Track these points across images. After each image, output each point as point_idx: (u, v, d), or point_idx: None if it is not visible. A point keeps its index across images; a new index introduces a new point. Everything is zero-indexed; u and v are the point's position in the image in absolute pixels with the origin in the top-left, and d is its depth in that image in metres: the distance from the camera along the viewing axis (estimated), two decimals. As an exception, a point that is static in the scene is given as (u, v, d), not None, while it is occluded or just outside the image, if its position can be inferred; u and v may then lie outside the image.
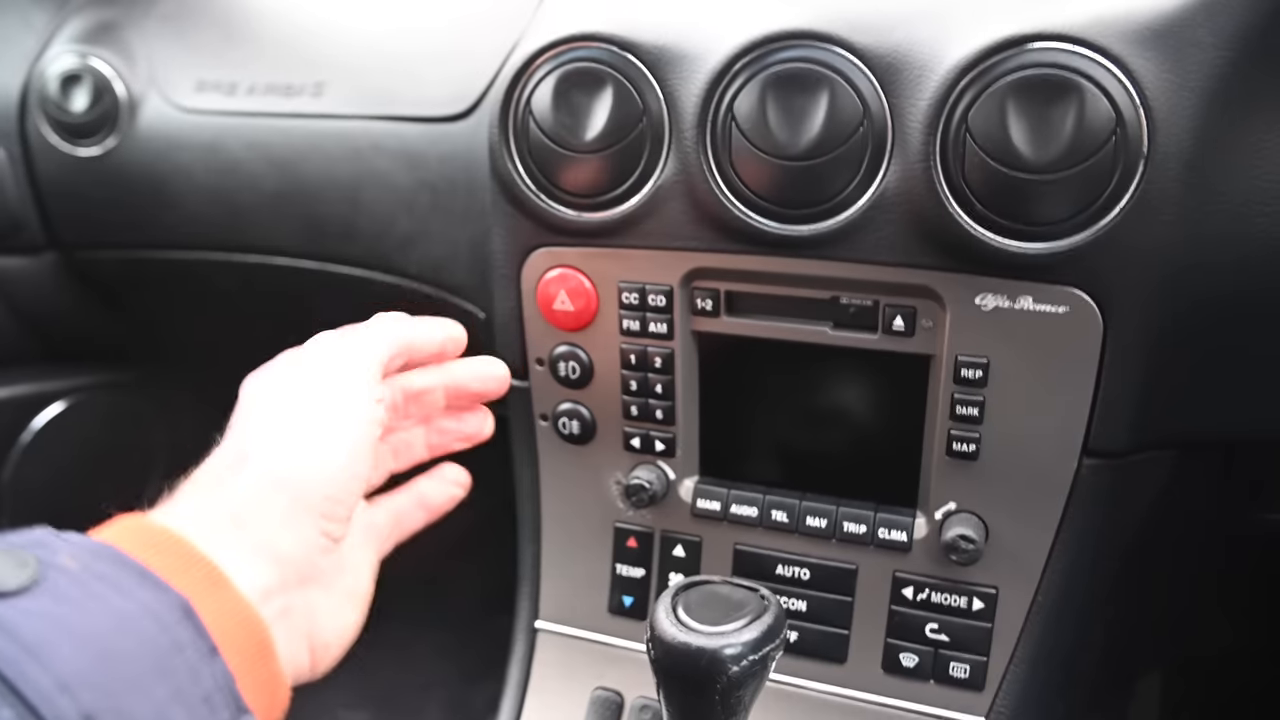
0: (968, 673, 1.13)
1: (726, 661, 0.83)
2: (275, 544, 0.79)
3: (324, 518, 0.82)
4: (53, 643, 0.57)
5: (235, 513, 0.78)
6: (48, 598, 0.59)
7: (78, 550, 0.64)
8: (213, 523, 0.76)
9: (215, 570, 0.71)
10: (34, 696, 0.54)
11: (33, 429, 1.82)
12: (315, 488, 0.81)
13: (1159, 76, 0.91)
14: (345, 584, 0.91)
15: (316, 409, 0.85)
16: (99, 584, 0.62)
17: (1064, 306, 0.98)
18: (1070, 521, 1.07)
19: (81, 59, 1.62)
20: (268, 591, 0.76)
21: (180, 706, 0.61)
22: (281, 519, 0.80)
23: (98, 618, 0.60)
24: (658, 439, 1.19)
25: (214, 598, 0.69)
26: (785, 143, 0.99)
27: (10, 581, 0.59)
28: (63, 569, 0.62)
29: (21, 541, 0.64)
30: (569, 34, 1.07)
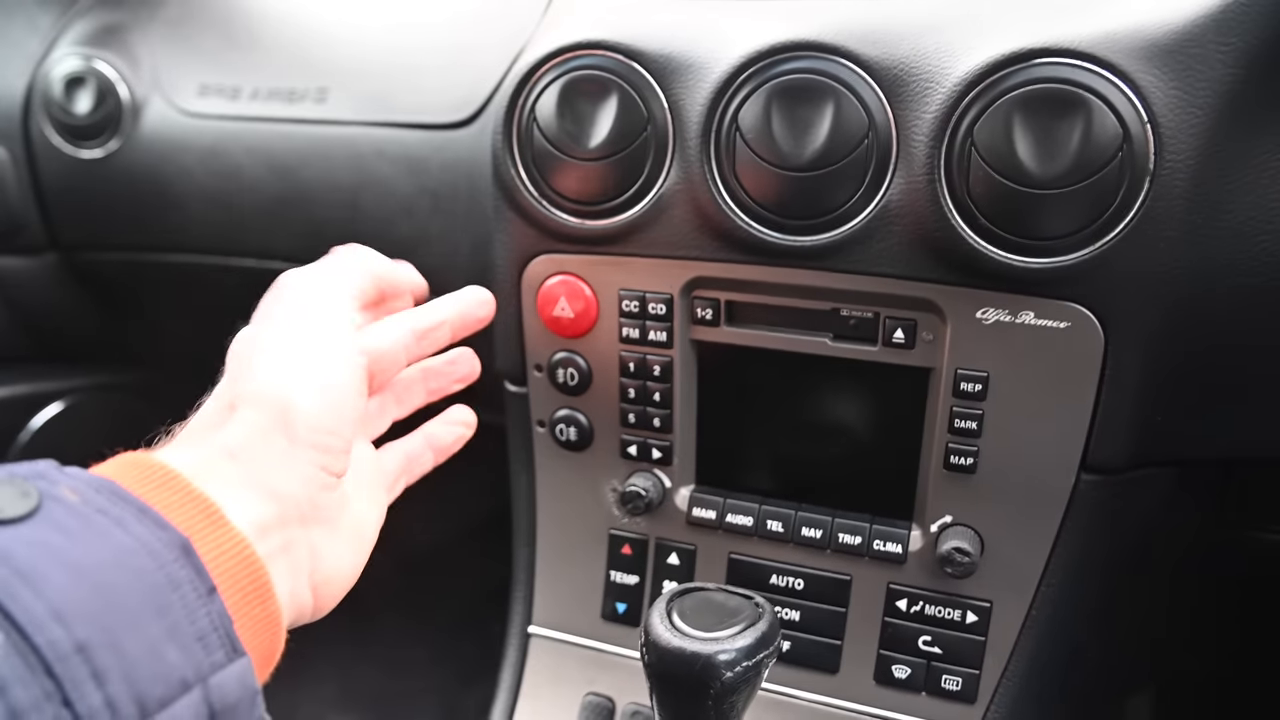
0: (960, 685, 1.13)
1: (720, 667, 0.83)
2: (272, 480, 0.78)
3: (320, 450, 0.81)
4: (49, 571, 0.56)
5: (231, 451, 0.77)
6: (46, 527, 0.59)
7: (78, 483, 0.63)
8: (209, 461, 0.76)
9: (213, 507, 0.70)
10: (26, 623, 0.53)
11: (30, 429, 1.82)
12: (306, 420, 0.80)
13: (1167, 93, 0.91)
14: (348, 523, 0.89)
15: (300, 344, 0.84)
16: (98, 517, 0.62)
17: (1066, 322, 0.98)
18: (1066, 536, 1.07)
19: (86, 61, 1.63)
20: (265, 527, 0.76)
21: (174, 644, 0.60)
22: (277, 455, 0.79)
23: (95, 550, 0.60)
24: (655, 447, 1.19)
25: (212, 535, 0.69)
26: (789, 153, 0.99)
27: (10, 510, 0.58)
28: (62, 500, 0.61)
29: (24, 472, 0.63)
30: (574, 42, 1.07)
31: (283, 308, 0.88)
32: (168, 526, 0.64)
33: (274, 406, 0.80)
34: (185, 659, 0.60)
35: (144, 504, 0.64)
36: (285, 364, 0.82)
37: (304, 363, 0.83)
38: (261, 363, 0.83)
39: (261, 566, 0.71)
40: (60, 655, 0.54)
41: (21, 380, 1.84)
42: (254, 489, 0.76)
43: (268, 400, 0.80)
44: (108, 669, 0.56)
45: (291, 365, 0.82)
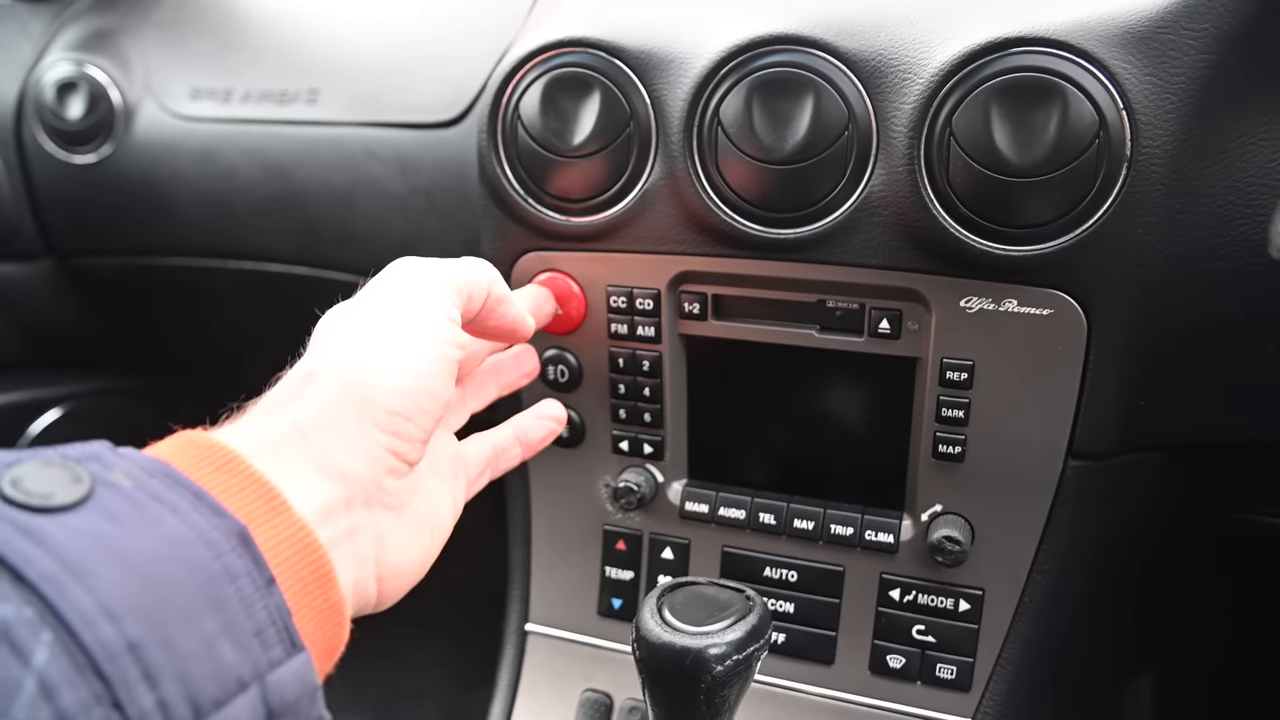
0: (954, 674, 1.14)
1: (710, 661, 0.83)
2: (339, 460, 0.75)
3: (393, 435, 0.78)
4: (99, 565, 0.54)
5: (299, 425, 0.74)
6: (98, 515, 0.56)
7: (132, 466, 0.61)
8: (274, 438, 0.73)
9: (273, 492, 0.67)
10: (76, 621, 0.51)
11: (29, 435, 1.83)
12: (383, 400, 0.77)
13: (1141, 80, 0.91)
14: (419, 511, 0.86)
15: (389, 324, 0.81)
16: (152, 504, 0.59)
17: (1048, 309, 0.98)
18: (1056, 523, 1.07)
19: (77, 67, 1.63)
20: (330, 509, 0.74)
21: (230, 640, 0.58)
22: (347, 433, 0.76)
23: (149, 540, 0.57)
24: (646, 442, 1.19)
25: (271, 522, 0.66)
26: (771, 147, 1.00)
27: (62, 496, 0.56)
28: (115, 485, 0.58)
29: (77, 454, 0.60)
30: (556, 40, 1.07)
31: (381, 288, 0.85)
32: (224, 514, 0.62)
33: (351, 382, 0.77)
34: (241, 656, 0.58)
35: (200, 489, 0.62)
36: (371, 342, 0.80)
37: (391, 343, 0.80)
38: (346, 338, 0.80)
39: (324, 555, 0.69)
40: (110, 655, 0.52)
41: (20, 387, 1.84)
42: (320, 469, 0.74)
43: (346, 375, 0.77)
44: (160, 668, 0.54)
45: (377, 344, 0.80)
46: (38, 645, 0.50)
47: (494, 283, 0.93)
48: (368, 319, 0.82)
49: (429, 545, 0.88)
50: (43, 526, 0.54)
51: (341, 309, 0.84)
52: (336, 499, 0.75)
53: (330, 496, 0.74)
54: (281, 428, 0.75)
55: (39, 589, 0.51)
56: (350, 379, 0.77)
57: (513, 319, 0.97)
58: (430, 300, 0.85)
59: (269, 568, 0.62)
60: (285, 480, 0.69)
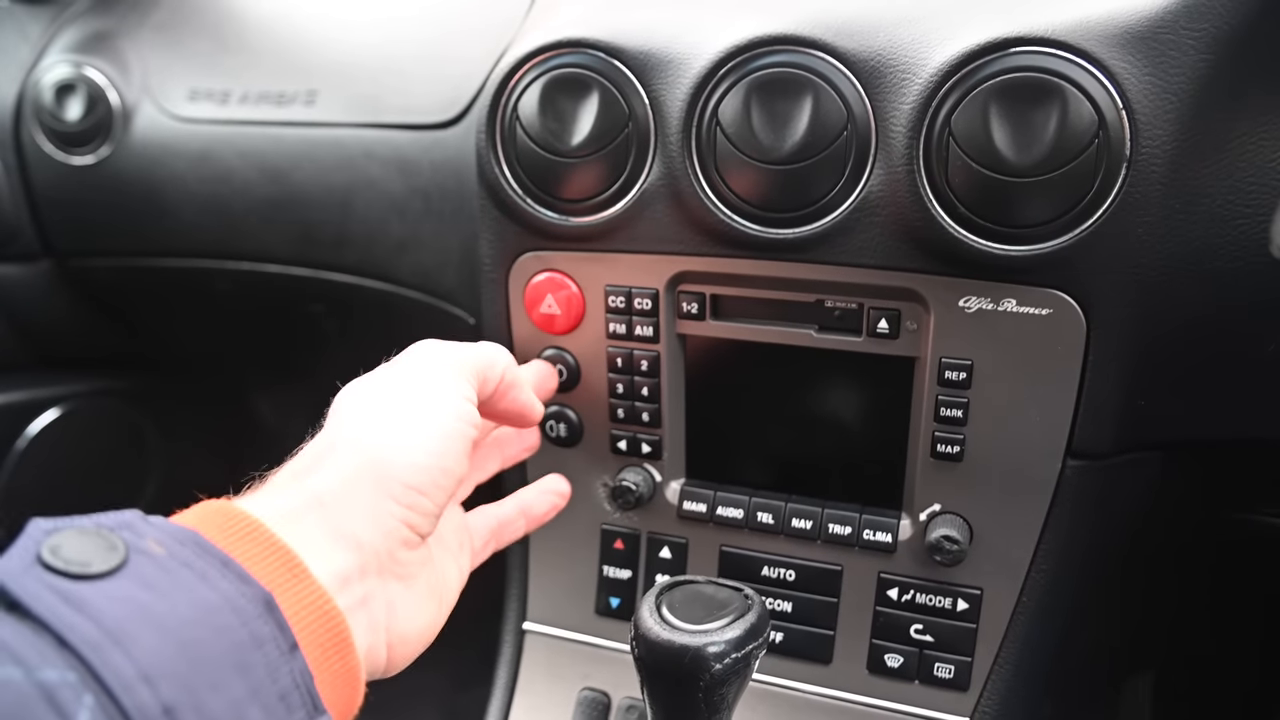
0: (952, 673, 1.14)
1: (709, 659, 0.83)
2: (356, 530, 0.77)
3: (409, 508, 0.80)
4: (137, 631, 0.56)
5: (318, 495, 0.77)
6: (134, 582, 0.59)
7: (163, 535, 0.63)
8: (294, 507, 0.75)
9: (294, 559, 0.70)
10: (115, 685, 0.53)
11: (28, 435, 1.83)
12: (400, 475, 0.80)
13: (1141, 80, 0.92)
14: (429, 581, 0.88)
15: (408, 401, 0.84)
16: (184, 571, 0.61)
17: (1047, 309, 0.99)
18: (1054, 522, 1.07)
19: (76, 68, 1.63)
20: (346, 578, 0.75)
21: (257, 704, 0.60)
22: (365, 505, 0.78)
23: (181, 606, 0.59)
24: (644, 441, 1.20)
25: (293, 589, 0.68)
26: (769, 147, 1.00)
27: (99, 564, 0.58)
28: (148, 553, 0.61)
29: (110, 522, 0.63)
30: (555, 40, 1.07)
31: (401, 366, 0.89)
32: (251, 580, 0.64)
33: (370, 457, 0.79)
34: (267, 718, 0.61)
35: (227, 556, 0.64)
36: (390, 418, 0.83)
37: (409, 420, 0.83)
38: (366, 413, 0.83)
39: (342, 620, 0.71)
40: (148, 718, 0.54)
41: (18, 387, 1.84)
42: (337, 538, 0.76)
43: (366, 449, 0.80)
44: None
45: (396, 420, 0.82)
46: (80, 708, 0.52)
47: (508, 367, 0.97)
48: (387, 395, 0.85)
49: (437, 614, 0.90)
50: (83, 593, 0.57)
51: (362, 384, 0.87)
52: (353, 568, 0.77)
53: (347, 565, 0.76)
54: (301, 497, 0.77)
55: (81, 653, 0.54)
56: (370, 454, 0.80)
57: (523, 404, 1.00)
58: (448, 379, 0.88)
59: (292, 633, 0.64)
60: (305, 548, 0.72)
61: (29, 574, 0.57)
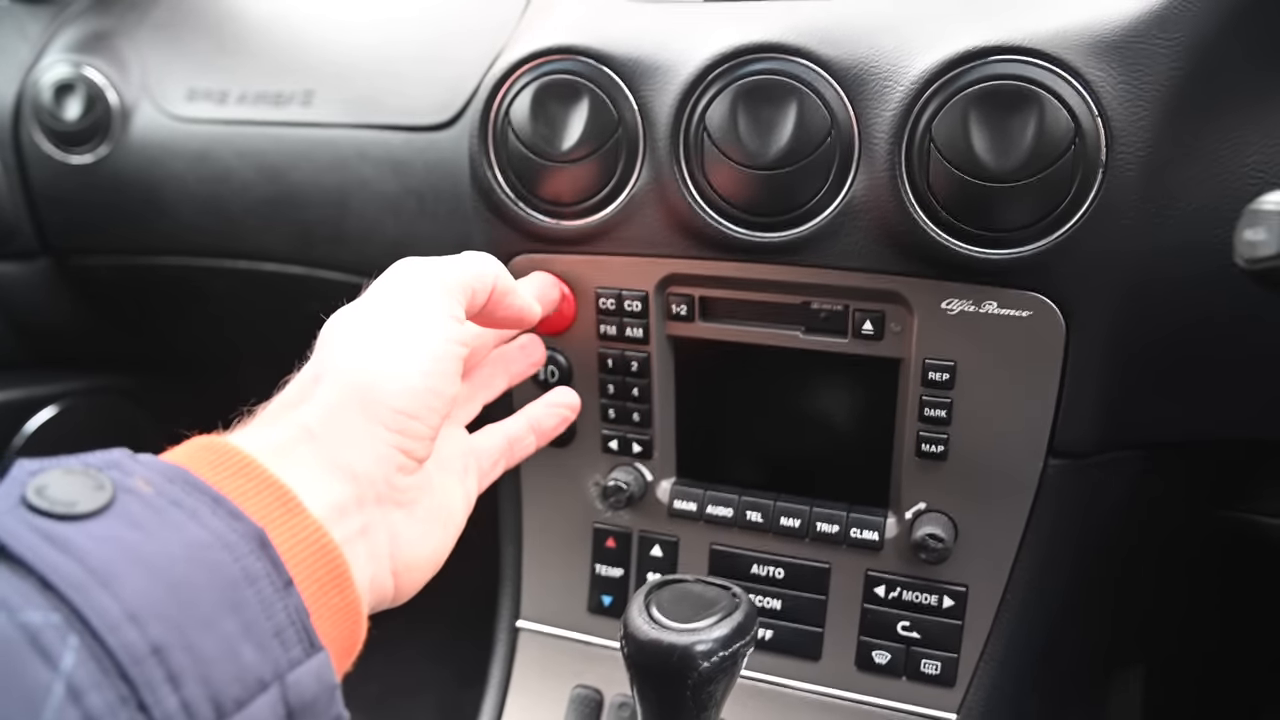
0: (939, 669, 1.15)
1: (697, 657, 0.85)
2: (349, 460, 0.76)
3: (399, 433, 0.79)
4: (123, 570, 0.55)
5: (308, 427, 0.75)
6: (120, 522, 0.57)
7: (152, 473, 0.62)
8: (285, 440, 0.74)
9: (288, 494, 0.69)
10: (101, 626, 0.52)
11: (25, 433, 1.84)
12: (389, 400, 0.78)
13: (1115, 87, 0.93)
14: (431, 507, 0.87)
15: (392, 324, 0.82)
16: (173, 510, 0.60)
17: (1027, 311, 1.00)
18: (1037, 520, 1.09)
19: (75, 68, 1.64)
20: (342, 508, 0.75)
21: (250, 642, 0.59)
22: (356, 434, 0.77)
23: (170, 545, 0.58)
24: (635, 441, 1.21)
25: (287, 524, 0.67)
26: (755, 152, 1.01)
27: (85, 503, 0.57)
28: (136, 492, 0.60)
29: (98, 461, 0.62)
30: (545, 47, 1.09)
31: (384, 290, 0.86)
32: (243, 517, 0.63)
33: (357, 384, 0.78)
34: (262, 657, 0.60)
35: (218, 493, 0.63)
36: (375, 343, 0.80)
37: (395, 344, 0.81)
38: (351, 340, 0.81)
39: (339, 554, 0.70)
40: (135, 658, 0.53)
41: (16, 385, 1.85)
42: (331, 469, 0.75)
43: (351, 376, 0.78)
44: (183, 671, 0.55)
45: (382, 345, 0.80)
46: (65, 650, 0.52)
47: (499, 276, 0.94)
48: (371, 320, 0.83)
49: (443, 538, 0.89)
50: (67, 534, 0.56)
51: (345, 312, 0.85)
52: (348, 498, 0.76)
53: (342, 496, 0.75)
54: (291, 430, 0.76)
55: (66, 595, 0.53)
56: (356, 380, 0.78)
57: (519, 308, 0.98)
58: (433, 299, 0.85)
59: (286, 569, 0.63)
60: (298, 481, 0.70)
61: (13, 515, 0.56)
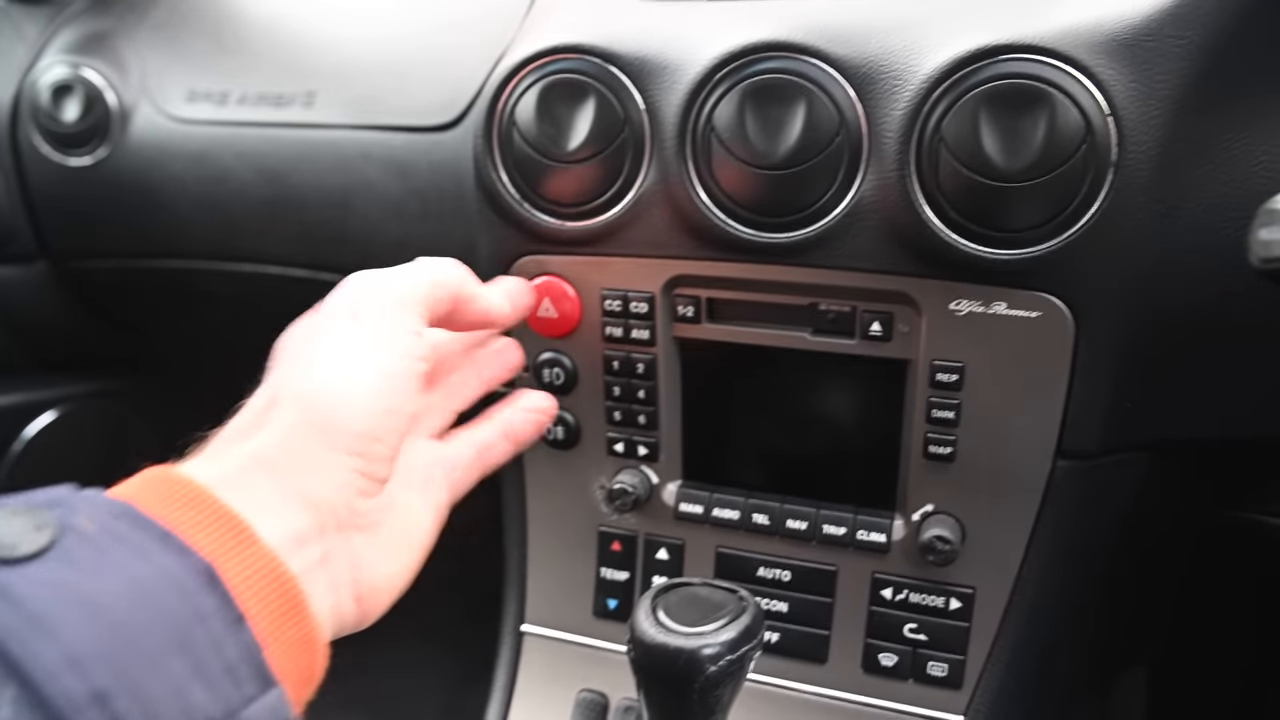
0: (946, 671, 1.14)
1: (704, 661, 0.84)
2: (307, 487, 0.74)
3: (359, 456, 0.76)
4: (62, 614, 0.52)
5: (263, 456, 0.73)
6: (61, 564, 0.55)
7: (96, 510, 0.60)
8: (239, 469, 0.72)
9: (241, 524, 0.66)
10: (38, 673, 0.50)
11: (24, 438, 1.83)
12: (346, 424, 0.76)
13: (1127, 86, 0.92)
14: (395, 528, 0.85)
15: (347, 343, 0.80)
16: (117, 548, 0.58)
17: (1037, 311, 1.00)
18: (1045, 522, 1.08)
19: (73, 69, 1.63)
20: (301, 538, 0.72)
21: (200, 682, 0.57)
22: (313, 460, 0.75)
23: (113, 586, 0.56)
24: (641, 444, 1.20)
25: (239, 556, 0.65)
26: (763, 152, 1.00)
27: (25, 545, 0.55)
28: (79, 531, 0.58)
29: (41, 500, 0.60)
30: (551, 45, 1.08)
31: (340, 305, 0.83)
32: (190, 553, 0.60)
33: (313, 407, 0.76)
34: (212, 697, 0.57)
35: (165, 529, 0.61)
36: (331, 363, 0.78)
37: (351, 364, 0.79)
38: (306, 361, 0.79)
39: (295, 584, 0.68)
40: (76, 707, 0.51)
41: (15, 389, 1.84)
42: (288, 498, 0.73)
43: (307, 400, 0.76)
44: (127, 716, 0.53)
45: (338, 365, 0.78)
46: (1, 702, 0.50)
47: (462, 282, 0.93)
48: (325, 339, 0.81)
49: (408, 559, 0.88)
50: (6, 579, 0.54)
51: (299, 330, 0.84)
52: (307, 527, 0.74)
53: (301, 525, 0.73)
54: (246, 458, 0.74)
55: (1, 644, 0.51)
56: (312, 404, 0.76)
57: (484, 311, 0.97)
58: (387, 314, 0.83)
59: (237, 605, 0.61)
60: (254, 511, 0.68)
61: None
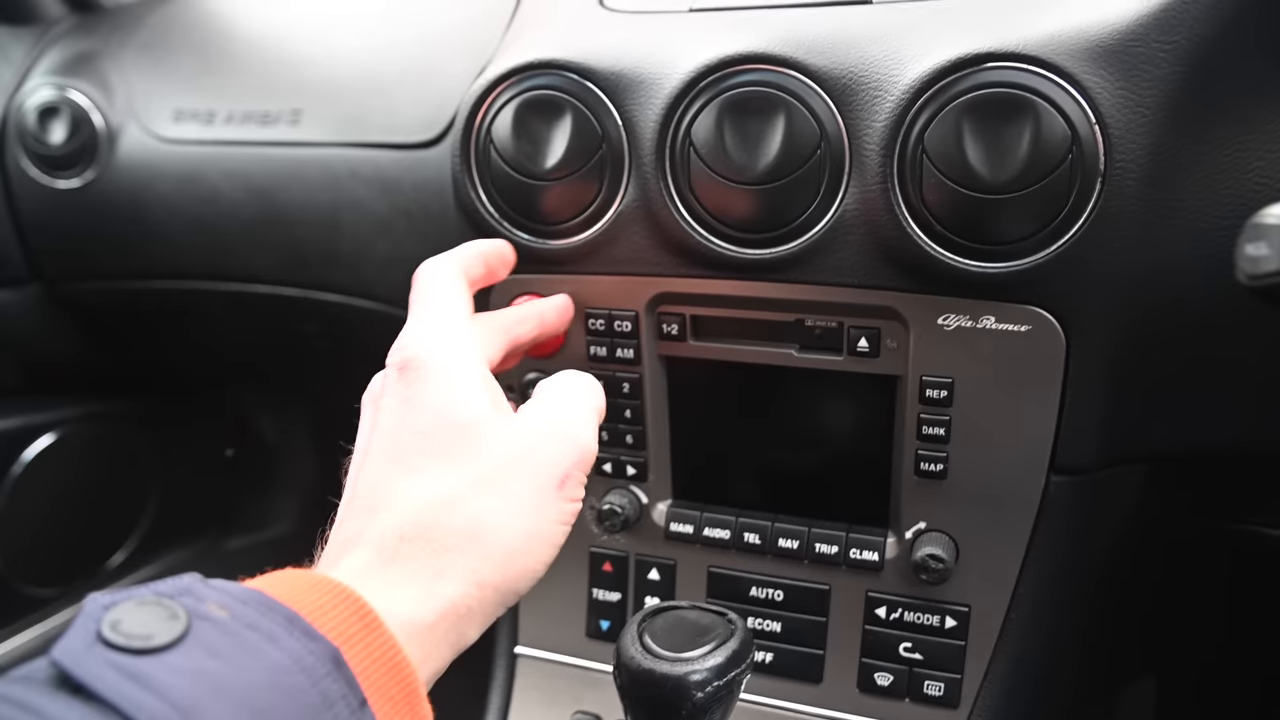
0: (942, 690, 1.13)
1: (691, 688, 0.83)
2: (468, 634, 0.77)
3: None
4: (207, 702, 0.53)
5: (455, 606, 0.75)
6: (199, 651, 0.56)
7: (225, 597, 0.61)
8: (433, 620, 0.74)
9: (364, 608, 0.67)
10: None
11: (23, 462, 1.82)
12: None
13: (1113, 94, 0.91)
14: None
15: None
16: (249, 633, 0.59)
17: (1026, 325, 0.98)
18: (1040, 538, 1.07)
19: (59, 91, 1.63)
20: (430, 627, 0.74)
21: None
22: (488, 616, 0.79)
23: (250, 672, 0.57)
24: (629, 464, 1.19)
25: (363, 640, 0.65)
26: (743, 167, 0.99)
27: (162, 635, 0.56)
28: (211, 618, 0.58)
29: (169, 589, 0.61)
30: (525, 62, 1.07)
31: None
32: (318, 637, 0.61)
33: (482, 581, 0.78)
34: None
35: (293, 612, 0.62)
36: (511, 543, 0.81)
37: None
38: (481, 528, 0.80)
39: (412, 673, 0.68)
40: None
41: (11, 413, 1.83)
42: (456, 645, 0.76)
43: (479, 575, 0.78)
44: None
45: (517, 544, 0.81)
46: None
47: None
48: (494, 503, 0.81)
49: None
50: (147, 668, 0.54)
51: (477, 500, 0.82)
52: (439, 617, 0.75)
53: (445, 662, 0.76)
54: (437, 605, 0.75)
55: None
56: (483, 579, 0.77)
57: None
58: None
59: (361, 690, 0.62)
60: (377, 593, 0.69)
61: (91, 653, 0.54)
